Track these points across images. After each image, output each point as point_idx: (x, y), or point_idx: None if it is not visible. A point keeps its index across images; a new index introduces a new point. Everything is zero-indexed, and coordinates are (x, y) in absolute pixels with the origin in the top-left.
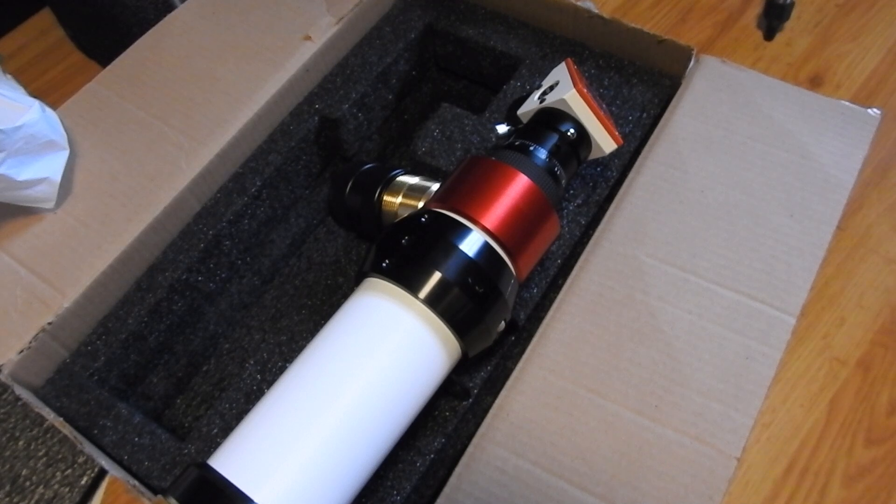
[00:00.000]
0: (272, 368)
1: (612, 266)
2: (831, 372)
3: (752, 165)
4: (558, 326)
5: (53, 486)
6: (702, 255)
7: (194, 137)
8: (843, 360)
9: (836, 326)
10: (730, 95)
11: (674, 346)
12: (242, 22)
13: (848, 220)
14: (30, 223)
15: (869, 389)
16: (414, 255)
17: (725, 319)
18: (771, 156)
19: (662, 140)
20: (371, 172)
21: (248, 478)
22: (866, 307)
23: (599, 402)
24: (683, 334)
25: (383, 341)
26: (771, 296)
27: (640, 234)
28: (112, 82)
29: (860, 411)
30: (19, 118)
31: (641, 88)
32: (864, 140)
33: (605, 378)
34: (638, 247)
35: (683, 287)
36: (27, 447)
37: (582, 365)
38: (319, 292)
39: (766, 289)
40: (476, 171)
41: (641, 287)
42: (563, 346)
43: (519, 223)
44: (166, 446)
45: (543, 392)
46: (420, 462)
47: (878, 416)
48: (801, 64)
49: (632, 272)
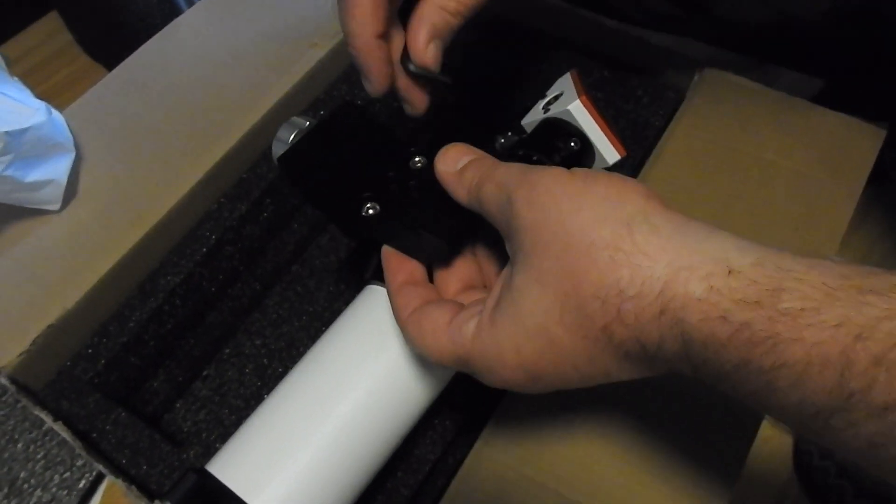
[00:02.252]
0: (272, 374)
1: None
2: None
3: (756, 179)
4: None
5: (51, 490)
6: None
7: (199, 142)
8: None
9: None
10: (734, 108)
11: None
12: (249, 28)
13: (852, 235)
14: (34, 225)
15: None
16: None
17: None
18: (775, 169)
19: (666, 151)
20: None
21: (246, 484)
22: None
23: (601, 410)
24: None
25: (384, 349)
26: None
27: None
28: (118, 86)
29: None
30: (26, 121)
31: (646, 100)
32: (870, 154)
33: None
34: None
35: None
36: (26, 450)
37: None
38: (321, 299)
39: None
40: None
41: None
42: None
43: None
44: (165, 451)
45: (544, 400)
46: (419, 471)
47: None
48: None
49: None
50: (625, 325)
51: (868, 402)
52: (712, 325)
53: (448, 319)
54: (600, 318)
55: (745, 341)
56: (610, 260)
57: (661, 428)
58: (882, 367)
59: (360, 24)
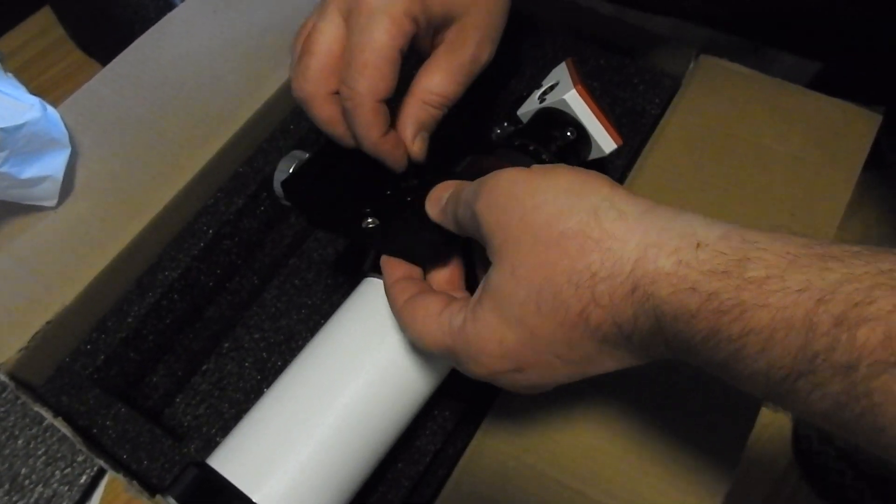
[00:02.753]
0: (271, 368)
1: None
2: None
3: (753, 165)
4: None
5: (53, 485)
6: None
7: (195, 136)
8: None
9: None
10: (731, 94)
11: None
12: (243, 20)
13: (848, 220)
14: (31, 221)
15: None
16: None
17: None
18: (772, 155)
19: (663, 140)
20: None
21: (247, 477)
22: None
23: (602, 399)
24: None
25: (383, 341)
26: None
27: None
28: (112, 80)
29: None
30: (21, 117)
31: (642, 88)
32: (866, 139)
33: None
34: None
35: None
36: (26, 446)
37: None
38: (319, 292)
39: None
40: (476, 171)
41: None
42: None
43: None
44: (166, 445)
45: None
46: (420, 461)
47: None
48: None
49: None
50: (600, 306)
51: (832, 363)
52: (682, 296)
53: (440, 309)
54: (576, 304)
55: (713, 310)
56: (580, 247)
57: (660, 416)
58: (843, 328)
59: (312, 83)
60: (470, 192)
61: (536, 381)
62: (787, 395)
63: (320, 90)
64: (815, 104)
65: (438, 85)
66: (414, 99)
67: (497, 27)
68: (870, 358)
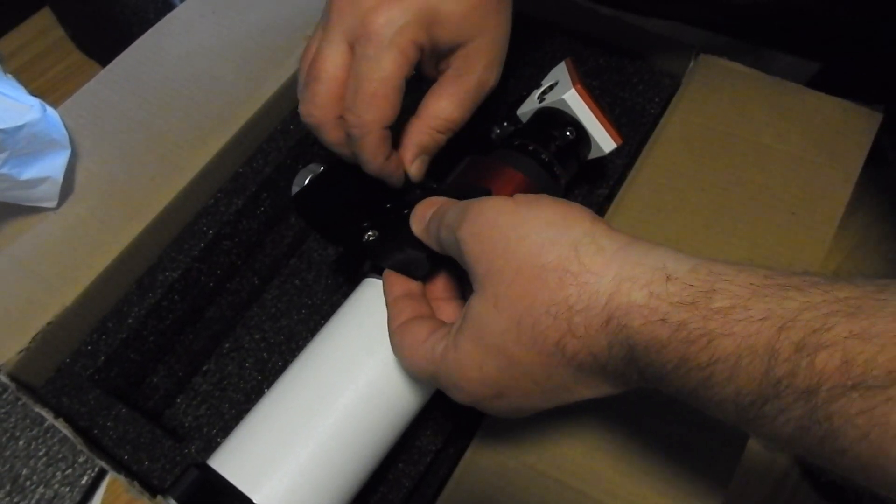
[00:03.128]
0: (272, 368)
1: None
2: None
3: (754, 164)
4: None
5: (54, 486)
6: (703, 254)
7: (194, 136)
8: None
9: None
10: (730, 93)
11: None
12: (242, 21)
13: (848, 219)
14: (30, 223)
15: None
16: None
17: None
18: (772, 154)
19: (663, 139)
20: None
21: (247, 478)
22: None
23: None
24: None
25: (383, 341)
26: None
27: (640, 233)
28: (112, 81)
29: None
30: (21, 118)
31: (641, 87)
32: (866, 138)
33: None
34: None
35: None
36: (27, 447)
37: None
38: (319, 292)
39: None
40: (475, 171)
41: None
42: None
43: None
44: (166, 446)
45: None
46: (420, 461)
47: None
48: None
49: None
50: (576, 337)
51: (794, 387)
52: (653, 327)
53: (425, 336)
54: (553, 334)
55: (682, 340)
56: (559, 281)
57: (660, 416)
58: (803, 354)
59: (321, 109)
60: (453, 216)
61: (516, 406)
62: (754, 421)
63: (329, 116)
64: (815, 103)
65: (445, 110)
66: (420, 124)
67: (502, 51)
68: (828, 382)
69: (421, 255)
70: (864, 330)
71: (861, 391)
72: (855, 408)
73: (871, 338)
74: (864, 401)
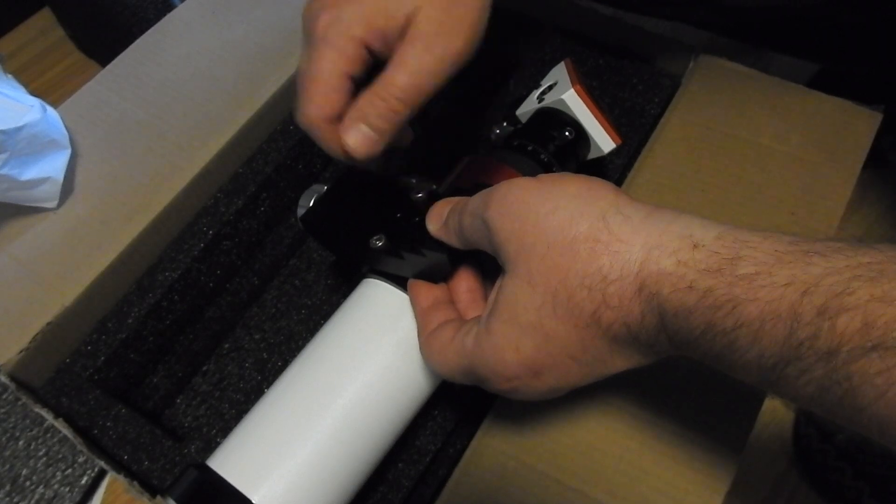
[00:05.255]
0: (271, 368)
1: None
2: None
3: (753, 164)
4: None
5: (54, 486)
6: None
7: (194, 137)
8: None
9: None
10: (730, 94)
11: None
12: (242, 21)
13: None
14: (31, 223)
15: None
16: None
17: None
18: (772, 154)
19: (662, 139)
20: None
21: (247, 478)
22: None
23: (602, 399)
24: None
25: (382, 342)
26: None
27: None
28: (112, 82)
29: None
30: (21, 118)
31: (641, 87)
32: (866, 138)
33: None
34: None
35: None
36: (27, 447)
37: None
38: (319, 292)
39: None
40: (475, 171)
41: None
42: None
43: None
44: (166, 446)
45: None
46: (420, 461)
47: None
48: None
49: None
50: (610, 307)
51: (816, 349)
52: (681, 294)
53: (452, 335)
54: (589, 305)
55: (709, 306)
56: (591, 251)
57: (660, 415)
58: (825, 317)
59: (317, 107)
60: (478, 202)
61: (553, 385)
62: (777, 382)
63: (314, 119)
64: (815, 103)
65: (388, 77)
66: (364, 92)
67: (456, 15)
68: (849, 344)
69: (441, 256)
70: (886, 293)
71: (880, 352)
72: (874, 368)
73: (892, 301)
74: (882, 361)
